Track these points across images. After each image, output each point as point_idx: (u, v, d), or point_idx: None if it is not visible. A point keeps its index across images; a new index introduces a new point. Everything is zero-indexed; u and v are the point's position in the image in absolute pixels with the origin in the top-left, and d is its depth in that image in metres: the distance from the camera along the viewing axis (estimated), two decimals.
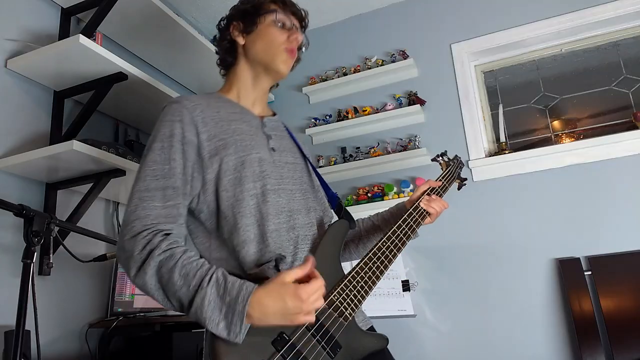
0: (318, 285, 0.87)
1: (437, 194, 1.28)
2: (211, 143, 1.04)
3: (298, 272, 0.88)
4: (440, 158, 1.48)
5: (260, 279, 0.92)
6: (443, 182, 1.35)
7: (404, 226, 1.15)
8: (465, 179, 1.51)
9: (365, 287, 1.03)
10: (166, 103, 1.09)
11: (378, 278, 1.05)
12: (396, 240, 1.12)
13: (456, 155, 1.54)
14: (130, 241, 0.91)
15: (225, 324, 0.83)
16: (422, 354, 2.39)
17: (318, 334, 0.94)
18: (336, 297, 0.98)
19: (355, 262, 1.08)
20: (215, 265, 0.91)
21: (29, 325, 1.13)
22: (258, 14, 1.17)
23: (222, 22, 1.24)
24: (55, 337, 1.73)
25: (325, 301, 0.96)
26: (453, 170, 1.44)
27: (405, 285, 2.29)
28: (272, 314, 0.85)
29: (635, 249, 2.13)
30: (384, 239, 1.11)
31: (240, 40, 1.19)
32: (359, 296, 1.01)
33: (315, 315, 0.92)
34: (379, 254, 1.08)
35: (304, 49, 1.26)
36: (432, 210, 1.21)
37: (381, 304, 2.28)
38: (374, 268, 1.05)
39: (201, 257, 1.02)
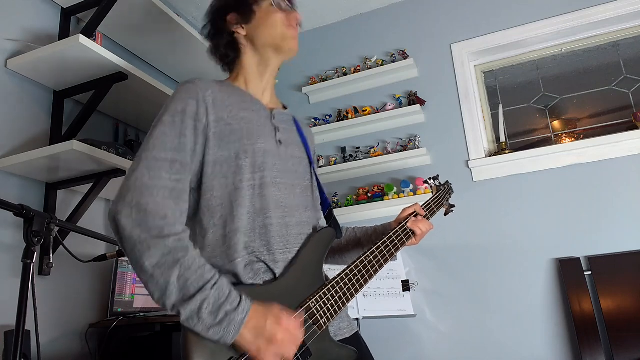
0: (293, 336, 0.88)
1: (424, 216, 1.29)
2: (218, 125, 1.03)
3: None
4: (432, 181, 1.50)
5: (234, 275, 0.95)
6: (431, 205, 1.36)
7: (388, 243, 1.16)
8: (454, 206, 1.52)
9: (343, 299, 1.02)
10: (180, 83, 1.08)
11: (357, 291, 1.06)
12: (379, 256, 1.12)
13: (447, 181, 1.56)
14: (137, 211, 0.87)
15: (217, 330, 0.83)
16: (422, 354, 2.40)
17: None
18: (313, 304, 0.97)
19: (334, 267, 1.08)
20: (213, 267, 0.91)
21: (29, 325, 1.13)
22: (253, 1, 1.16)
23: (212, 18, 1.21)
24: (55, 337, 1.73)
25: (302, 307, 0.96)
26: (442, 196, 1.45)
27: (405, 285, 2.29)
28: (252, 328, 0.85)
29: (635, 249, 2.13)
30: (368, 252, 1.11)
31: (242, 32, 1.17)
32: (335, 306, 1.00)
33: None
34: (361, 267, 1.08)
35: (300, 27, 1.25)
36: (418, 230, 1.22)
37: (381, 304, 2.28)
38: (354, 280, 1.05)
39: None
